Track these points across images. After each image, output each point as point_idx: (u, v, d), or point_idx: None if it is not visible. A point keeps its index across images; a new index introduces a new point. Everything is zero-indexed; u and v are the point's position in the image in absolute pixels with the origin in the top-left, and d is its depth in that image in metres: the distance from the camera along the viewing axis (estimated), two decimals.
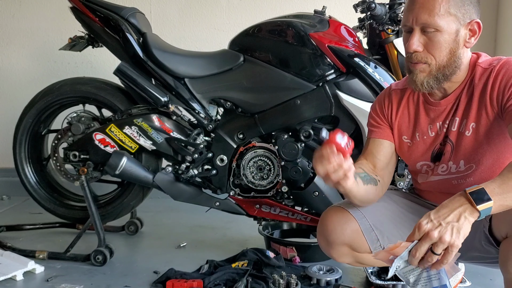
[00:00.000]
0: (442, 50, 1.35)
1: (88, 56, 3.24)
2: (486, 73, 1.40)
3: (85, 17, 2.28)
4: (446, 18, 1.33)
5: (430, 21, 1.32)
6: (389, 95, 1.59)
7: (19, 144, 2.44)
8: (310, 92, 2.08)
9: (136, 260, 2.23)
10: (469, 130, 1.42)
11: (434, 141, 1.50)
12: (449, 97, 1.45)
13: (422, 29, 1.35)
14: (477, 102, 1.40)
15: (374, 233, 1.53)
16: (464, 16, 1.35)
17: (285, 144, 2.09)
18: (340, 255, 1.57)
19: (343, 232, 1.52)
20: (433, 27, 1.33)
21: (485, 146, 1.41)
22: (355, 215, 1.53)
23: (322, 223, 1.57)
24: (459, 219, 1.13)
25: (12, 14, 3.36)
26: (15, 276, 1.96)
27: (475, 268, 2.04)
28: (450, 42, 1.35)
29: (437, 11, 1.32)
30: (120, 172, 2.16)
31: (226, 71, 2.18)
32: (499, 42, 3.25)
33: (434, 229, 1.11)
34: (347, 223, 1.52)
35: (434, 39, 1.34)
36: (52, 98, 2.37)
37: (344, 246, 1.54)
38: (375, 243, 1.54)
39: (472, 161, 1.44)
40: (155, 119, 2.20)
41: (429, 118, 1.50)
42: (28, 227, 2.56)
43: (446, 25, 1.33)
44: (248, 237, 2.50)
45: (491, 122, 1.38)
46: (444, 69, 1.38)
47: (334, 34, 2.08)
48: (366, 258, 1.60)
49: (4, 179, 3.31)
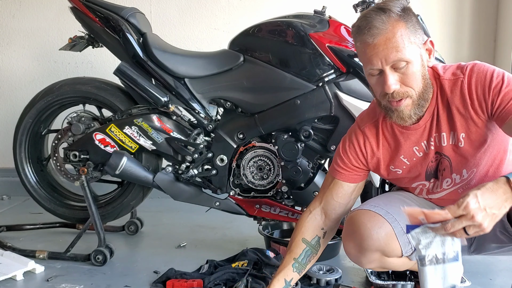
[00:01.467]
0: (417, 79, 1.35)
1: (88, 56, 3.25)
2: (456, 85, 1.39)
3: (85, 17, 2.28)
4: (410, 48, 1.33)
5: (400, 57, 1.31)
6: (362, 133, 1.55)
7: (19, 144, 2.44)
8: (310, 92, 2.08)
9: (136, 260, 2.23)
10: (461, 141, 1.42)
11: (424, 160, 1.49)
12: (425, 116, 1.44)
13: (392, 67, 1.33)
14: (460, 115, 1.40)
15: (406, 236, 1.51)
16: (419, 39, 1.36)
17: (285, 144, 2.09)
18: (370, 261, 1.55)
19: (378, 236, 1.48)
20: (404, 61, 1.32)
21: (480, 149, 1.42)
22: (387, 218, 1.50)
23: (353, 229, 1.52)
24: (500, 208, 1.12)
25: (12, 14, 3.36)
26: (15, 276, 1.96)
27: (475, 268, 2.05)
28: (420, 69, 1.36)
29: (402, 46, 1.31)
30: (120, 172, 2.17)
31: (226, 71, 2.18)
32: (499, 42, 3.25)
33: (479, 213, 1.09)
34: (382, 227, 1.49)
35: (408, 72, 1.34)
36: (52, 98, 2.37)
37: (377, 252, 1.52)
38: (407, 246, 1.53)
39: (473, 166, 1.45)
40: (155, 119, 2.20)
41: (411, 141, 1.48)
42: (28, 227, 2.56)
43: (413, 55, 1.33)
44: (248, 237, 2.50)
45: (480, 128, 1.39)
46: (424, 94, 1.38)
47: (334, 34, 2.08)
48: (392, 263, 1.59)
49: (4, 179, 3.31)
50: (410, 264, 1.65)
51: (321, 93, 2.07)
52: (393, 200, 1.59)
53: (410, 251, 1.55)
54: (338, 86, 2.06)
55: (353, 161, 1.56)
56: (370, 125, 1.54)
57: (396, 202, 1.57)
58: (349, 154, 1.56)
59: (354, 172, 1.57)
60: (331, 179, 1.60)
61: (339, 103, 2.06)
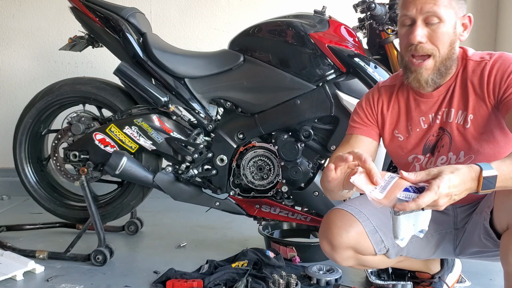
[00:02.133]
0: (445, 42, 1.37)
1: (88, 56, 3.25)
2: (479, 67, 1.42)
3: (85, 17, 2.28)
4: (448, 9, 1.35)
5: (436, 11, 1.34)
6: (378, 91, 1.59)
7: (19, 144, 2.44)
8: (310, 92, 2.08)
9: (136, 260, 2.23)
10: (468, 123, 1.43)
11: (426, 133, 1.51)
12: (441, 89, 1.46)
13: (424, 20, 1.35)
14: (474, 95, 1.42)
15: (378, 234, 1.53)
16: (460, 10, 1.38)
17: (285, 144, 2.09)
18: (344, 258, 1.57)
19: (348, 235, 1.51)
20: (437, 17, 1.34)
21: (484, 136, 1.42)
22: (359, 217, 1.53)
23: (326, 227, 1.56)
24: (461, 195, 1.15)
25: (12, 14, 3.36)
26: (15, 276, 1.96)
27: (475, 268, 2.05)
28: (450, 34, 1.38)
29: (442, 2, 1.34)
30: (120, 172, 2.16)
31: (226, 71, 2.18)
32: (499, 42, 3.25)
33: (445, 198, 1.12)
34: (352, 226, 1.52)
35: (438, 30, 1.36)
36: (52, 98, 2.37)
37: (348, 249, 1.54)
38: (380, 245, 1.55)
39: (471, 152, 1.45)
40: (155, 119, 2.20)
41: (420, 111, 1.51)
42: (28, 227, 2.56)
43: (448, 16, 1.35)
44: (248, 237, 2.50)
45: (489, 114, 1.40)
46: (446, 61, 1.40)
47: (334, 34, 2.08)
48: (369, 260, 1.60)
49: (4, 179, 3.32)
50: (389, 262, 1.65)
51: (321, 93, 2.07)
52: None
53: (384, 250, 1.56)
54: (338, 86, 2.06)
55: (368, 115, 1.58)
56: (387, 86, 1.59)
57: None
58: (364, 109, 1.59)
59: (370, 128, 1.58)
60: (348, 137, 1.60)
61: (339, 103, 2.06)
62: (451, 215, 1.60)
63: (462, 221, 1.59)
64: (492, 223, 1.41)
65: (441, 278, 1.79)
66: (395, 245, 1.56)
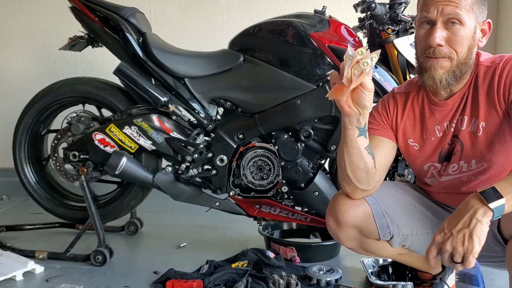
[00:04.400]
0: (464, 46, 1.36)
1: (88, 56, 3.24)
2: (490, 71, 1.40)
3: (85, 17, 2.28)
4: (469, 13, 1.34)
5: (457, 13, 1.32)
6: (393, 97, 1.58)
7: (18, 144, 2.44)
8: (310, 92, 2.08)
9: (136, 260, 2.22)
10: (480, 130, 1.41)
11: (441, 142, 1.50)
12: (455, 96, 1.44)
13: (444, 23, 1.34)
14: (485, 101, 1.40)
15: (385, 219, 1.53)
16: (480, 15, 1.37)
17: (285, 144, 2.09)
18: (347, 237, 1.56)
19: (355, 214, 1.51)
20: (458, 20, 1.33)
21: (497, 145, 1.40)
22: (368, 199, 1.52)
23: (334, 204, 1.55)
24: (469, 224, 1.13)
25: (12, 14, 3.36)
26: (15, 276, 1.96)
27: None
28: (469, 38, 1.36)
29: (463, 5, 1.33)
30: (120, 172, 2.16)
31: (226, 71, 2.18)
32: (499, 42, 3.25)
33: (446, 240, 1.12)
34: (360, 206, 1.52)
35: (458, 33, 1.34)
36: (52, 98, 2.36)
37: (353, 228, 1.54)
38: (385, 230, 1.54)
39: (483, 160, 1.43)
40: (155, 119, 2.20)
41: (435, 119, 1.49)
42: (28, 227, 2.56)
43: (468, 20, 1.34)
44: (248, 237, 2.50)
45: (501, 120, 1.38)
46: (462, 66, 1.38)
47: (334, 34, 2.08)
48: (372, 245, 1.59)
49: (4, 179, 3.31)
50: (391, 250, 1.64)
51: (321, 93, 2.07)
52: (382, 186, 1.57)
53: (388, 236, 1.56)
54: None
55: (384, 119, 1.57)
56: (402, 94, 1.57)
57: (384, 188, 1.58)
58: (381, 113, 1.57)
59: (387, 130, 1.56)
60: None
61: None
62: None
63: None
64: (500, 229, 1.40)
65: (442, 279, 1.78)
66: (400, 234, 1.56)
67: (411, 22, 2.06)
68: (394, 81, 2.05)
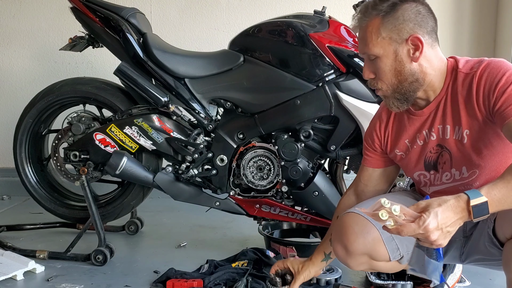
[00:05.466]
0: (387, 73, 1.40)
1: (88, 56, 3.25)
2: (468, 78, 1.38)
3: (85, 17, 2.28)
4: (381, 43, 1.37)
5: (367, 51, 1.40)
6: (379, 116, 1.63)
7: (19, 144, 2.44)
8: (310, 92, 2.08)
9: (136, 260, 2.23)
10: (465, 138, 1.41)
11: (423, 150, 1.50)
12: (431, 105, 1.46)
13: (368, 58, 1.42)
14: (465, 109, 1.39)
15: (394, 242, 1.51)
16: (400, 34, 1.36)
17: (285, 144, 2.09)
18: (358, 264, 1.55)
19: (365, 242, 1.48)
20: (372, 55, 1.39)
21: (484, 150, 1.40)
22: (376, 224, 1.49)
23: (342, 231, 1.52)
24: (454, 226, 1.15)
25: (13, 14, 3.36)
26: (15, 276, 1.96)
27: (475, 268, 2.04)
28: (391, 63, 1.39)
29: (370, 40, 1.38)
30: (121, 172, 2.17)
31: (226, 71, 2.18)
32: (499, 42, 3.25)
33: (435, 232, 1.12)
34: (369, 232, 1.49)
35: (378, 65, 1.40)
36: (53, 98, 2.37)
37: (363, 255, 1.52)
38: (395, 252, 1.53)
39: (474, 167, 1.43)
40: (155, 119, 2.20)
41: (414, 127, 1.51)
42: (28, 227, 2.56)
43: (382, 50, 1.38)
44: (248, 237, 2.50)
45: (484, 127, 1.37)
46: (399, 89, 1.41)
47: (334, 34, 2.08)
48: (382, 266, 1.58)
49: (4, 179, 3.32)
50: (401, 266, 1.65)
51: (321, 93, 2.07)
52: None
53: (398, 257, 1.55)
54: (338, 86, 2.06)
55: (368, 147, 1.65)
56: (385, 109, 1.60)
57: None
58: (369, 138, 1.64)
59: (376, 157, 1.64)
60: (361, 168, 1.69)
61: (339, 103, 2.06)
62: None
63: (472, 229, 1.56)
64: (495, 231, 1.39)
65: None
66: (409, 252, 1.54)
67: None
68: None
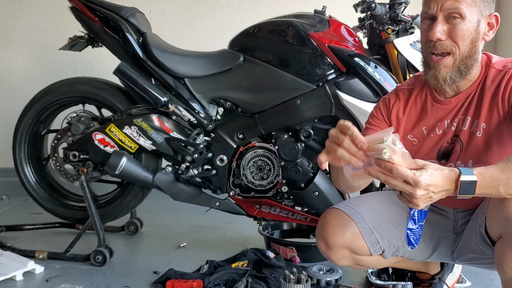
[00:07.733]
0: (465, 39, 1.35)
1: (87, 56, 3.24)
2: (500, 75, 1.39)
3: (85, 17, 2.28)
4: (471, 7, 1.34)
5: (457, 7, 1.32)
6: (396, 93, 1.58)
7: (18, 144, 2.44)
8: (310, 92, 2.08)
9: (136, 260, 2.22)
10: (480, 131, 1.41)
11: (440, 139, 1.49)
12: (460, 96, 1.44)
13: (445, 17, 1.34)
14: (488, 102, 1.39)
15: (374, 235, 1.53)
16: (486, 8, 1.37)
17: (285, 144, 2.09)
18: (339, 258, 1.57)
19: (343, 235, 1.52)
20: (458, 14, 1.33)
21: (495, 147, 1.40)
22: (354, 218, 1.53)
23: (321, 227, 1.57)
24: (437, 195, 1.16)
25: (12, 14, 3.36)
26: (14, 276, 1.96)
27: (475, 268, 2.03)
28: (472, 31, 1.35)
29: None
30: (120, 172, 2.16)
31: (226, 71, 2.18)
32: (499, 42, 3.25)
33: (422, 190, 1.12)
34: (347, 226, 1.53)
35: (458, 27, 1.34)
36: (52, 98, 2.36)
37: (344, 249, 1.54)
38: (375, 246, 1.55)
39: (480, 161, 1.42)
40: (155, 119, 2.20)
41: (437, 116, 1.49)
42: (27, 227, 2.56)
43: (470, 14, 1.33)
44: (248, 237, 2.50)
45: (502, 123, 1.38)
46: (466, 60, 1.38)
47: (334, 34, 2.08)
48: (365, 261, 1.60)
49: (3, 179, 3.31)
50: (386, 262, 1.65)
51: (321, 93, 2.07)
52: (368, 200, 1.62)
53: (379, 251, 1.56)
54: (338, 86, 2.06)
55: (378, 119, 1.58)
56: (405, 90, 1.57)
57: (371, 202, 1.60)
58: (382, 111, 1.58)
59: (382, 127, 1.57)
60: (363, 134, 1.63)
61: (339, 103, 2.05)
62: (451, 218, 1.59)
63: (462, 226, 1.57)
64: (486, 230, 1.39)
65: (441, 279, 1.79)
66: (391, 246, 1.57)
67: (411, 22, 2.07)
68: (394, 81, 2.05)
